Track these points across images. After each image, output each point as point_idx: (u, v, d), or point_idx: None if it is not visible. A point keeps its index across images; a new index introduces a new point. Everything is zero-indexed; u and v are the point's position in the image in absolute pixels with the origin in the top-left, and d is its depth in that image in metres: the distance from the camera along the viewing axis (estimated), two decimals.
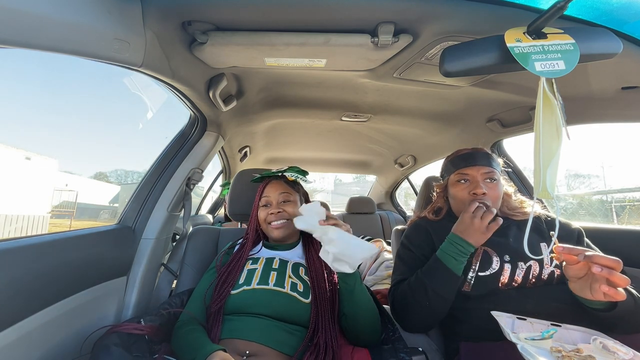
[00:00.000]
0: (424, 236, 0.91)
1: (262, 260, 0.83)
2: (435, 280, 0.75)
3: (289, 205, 0.91)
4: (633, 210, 7.18)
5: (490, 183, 0.85)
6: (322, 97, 1.24)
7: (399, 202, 3.04)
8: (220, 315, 0.73)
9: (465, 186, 0.87)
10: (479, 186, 0.83)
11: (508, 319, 0.66)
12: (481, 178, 0.85)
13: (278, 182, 0.94)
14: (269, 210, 0.89)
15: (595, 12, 0.63)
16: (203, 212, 2.57)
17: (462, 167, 0.88)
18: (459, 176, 0.88)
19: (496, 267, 0.78)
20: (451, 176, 0.91)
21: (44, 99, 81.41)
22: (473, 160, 0.87)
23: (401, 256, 0.92)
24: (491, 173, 0.85)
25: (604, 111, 1.00)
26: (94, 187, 16.30)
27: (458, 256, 0.74)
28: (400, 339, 0.71)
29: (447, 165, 0.95)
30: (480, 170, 0.85)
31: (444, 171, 0.96)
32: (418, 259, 0.87)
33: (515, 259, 0.78)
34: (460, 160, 0.89)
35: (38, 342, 0.62)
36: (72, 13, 0.49)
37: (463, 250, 0.74)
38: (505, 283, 0.76)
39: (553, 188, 0.57)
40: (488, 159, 0.88)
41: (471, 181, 0.86)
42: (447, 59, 0.63)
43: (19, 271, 0.56)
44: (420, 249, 0.89)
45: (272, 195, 0.91)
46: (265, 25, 0.68)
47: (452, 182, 0.90)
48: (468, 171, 0.87)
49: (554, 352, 0.55)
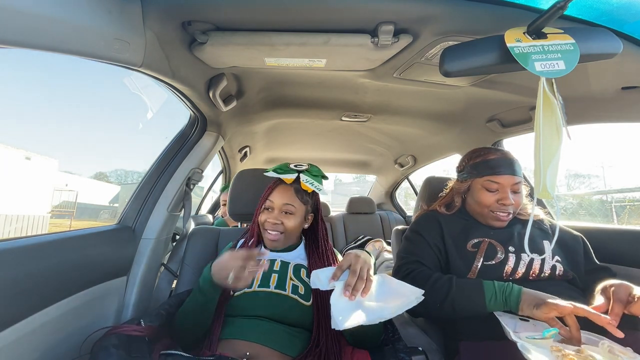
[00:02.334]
0: (435, 225, 0.91)
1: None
2: (462, 299, 0.72)
3: (289, 218, 0.84)
4: (633, 210, 7.18)
5: (516, 192, 0.86)
6: (322, 97, 1.24)
7: (399, 202, 3.04)
8: (222, 316, 0.73)
9: (493, 194, 0.86)
10: (508, 197, 0.83)
11: (510, 319, 0.66)
12: (510, 188, 0.85)
13: (287, 188, 0.85)
14: (268, 216, 0.84)
15: (595, 12, 0.63)
16: (203, 212, 2.57)
17: (492, 174, 0.86)
18: (488, 183, 0.86)
19: (501, 256, 0.79)
20: (478, 180, 0.89)
21: (44, 99, 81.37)
22: (504, 168, 0.86)
23: (411, 239, 0.92)
24: (519, 184, 0.86)
25: (604, 111, 1.00)
26: (94, 187, 16.31)
27: (499, 298, 0.68)
28: (400, 340, 0.71)
29: (472, 167, 0.91)
30: (512, 181, 0.85)
31: (468, 173, 0.93)
32: (428, 245, 0.87)
33: (519, 250, 0.80)
34: (491, 166, 0.87)
35: (38, 342, 0.62)
36: (72, 13, 0.49)
37: (506, 301, 0.68)
38: (509, 273, 0.77)
39: (553, 188, 0.57)
40: (517, 167, 0.87)
41: (500, 190, 0.85)
42: (447, 59, 0.63)
43: (19, 271, 0.56)
44: (431, 237, 0.88)
45: (276, 202, 0.84)
46: (265, 25, 0.68)
47: (478, 187, 0.89)
48: (499, 180, 0.85)
49: (554, 352, 0.55)
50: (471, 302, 0.71)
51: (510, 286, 0.69)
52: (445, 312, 0.74)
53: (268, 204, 0.86)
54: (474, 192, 0.91)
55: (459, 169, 0.99)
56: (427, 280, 0.77)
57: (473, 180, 0.91)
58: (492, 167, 0.87)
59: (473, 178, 0.91)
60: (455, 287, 0.74)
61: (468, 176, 0.92)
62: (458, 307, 0.72)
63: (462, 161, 0.99)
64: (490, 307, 0.69)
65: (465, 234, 0.87)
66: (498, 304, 0.68)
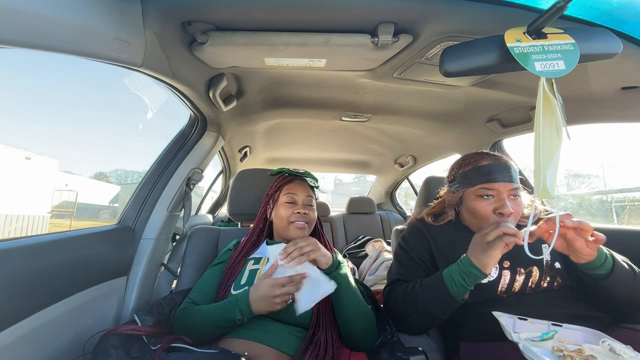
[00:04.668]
0: (421, 240, 0.89)
1: (264, 260, 0.83)
2: (430, 298, 0.72)
3: (312, 210, 0.90)
4: (633, 210, 7.17)
5: (514, 199, 0.78)
6: (322, 97, 1.24)
7: (399, 202, 3.04)
8: None
9: (489, 202, 0.78)
10: (506, 205, 0.75)
11: (509, 319, 0.66)
12: (507, 195, 0.77)
13: (303, 183, 0.92)
14: (294, 209, 0.86)
15: (595, 12, 0.63)
16: (203, 212, 2.57)
17: (485, 181, 0.79)
18: (482, 191, 0.79)
19: (494, 274, 0.76)
20: (471, 189, 0.81)
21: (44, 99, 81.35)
22: (499, 174, 0.78)
23: (398, 256, 0.91)
24: (517, 189, 0.79)
25: (604, 111, 1.00)
26: (94, 187, 16.31)
27: (459, 281, 0.68)
28: (398, 342, 0.70)
29: (463, 177, 0.84)
30: (507, 187, 0.77)
31: (459, 183, 0.85)
32: (414, 261, 0.86)
33: (515, 264, 0.77)
34: (483, 173, 0.80)
35: (38, 342, 0.62)
36: (72, 13, 0.49)
37: (466, 278, 0.67)
38: (504, 290, 0.75)
39: (553, 188, 0.57)
40: (512, 172, 0.80)
41: (496, 197, 0.78)
42: (447, 59, 0.63)
43: (19, 271, 0.56)
44: (417, 252, 0.87)
45: (300, 195, 0.89)
46: (265, 25, 0.68)
47: (472, 197, 0.81)
48: (494, 186, 0.78)
49: (556, 352, 0.55)
50: (439, 297, 0.70)
51: (461, 262, 0.69)
52: (426, 318, 0.73)
53: (290, 197, 0.89)
54: (467, 203, 0.83)
55: (448, 178, 0.91)
56: (399, 295, 0.79)
57: (465, 191, 0.83)
58: (484, 174, 0.79)
59: (465, 188, 0.83)
60: (421, 289, 0.74)
61: (460, 186, 0.85)
62: (432, 307, 0.71)
63: (451, 170, 0.91)
64: (457, 294, 0.68)
65: (454, 247, 0.81)
66: (462, 287, 0.67)
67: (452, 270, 0.70)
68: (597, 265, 0.67)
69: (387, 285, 0.87)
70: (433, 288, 0.72)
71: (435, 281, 0.73)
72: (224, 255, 0.90)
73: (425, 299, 0.72)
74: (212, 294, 0.79)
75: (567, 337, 0.62)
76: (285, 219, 0.86)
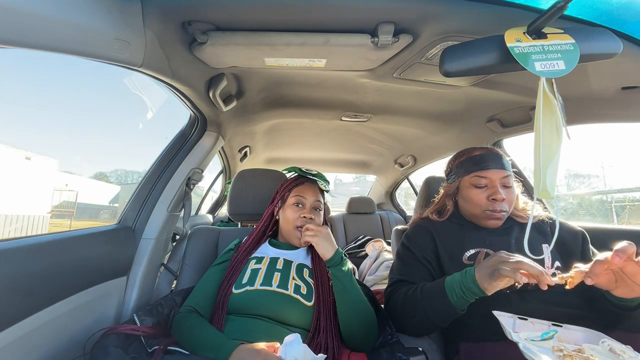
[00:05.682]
0: (427, 238, 0.88)
1: (267, 260, 0.83)
2: (430, 307, 0.70)
3: (318, 215, 0.88)
4: (633, 210, 7.16)
5: (507, 187, 0.83)
6: (322, 97, 1.24)
7: (399, 202, 3.04)
8: (223, 314, 0.73)
9: (482, 190, 0.83)
10: (498, 192, 0.80)
11: (509, 318, 0.66)
12: (499, 182, 0.82)
13: (313, 186, 0.91)
14: (301, 213, 0.85)
15: (595, 12, 0.63)
16: (203, 212, 2.57)
17: (478, 169, 0.84)
18: (476, 179, 0.84)
19: None
20: (465, 178, 0.87)
21: (44, 99, 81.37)
22: (491, 162, 0.84)
23: (400, 256, 0.90)
24: (509, 177, 0.83)
25: (604, 111, 1.00)
26: (94, 187, 16.32)
27: (459, 293, 0.65)
28: (398, 342, 0.70)
29: (458, 167, 0.90)
30: (499, 175, 0.82)
31: (455, 173, 0.91)
32: (418, 261, 0.85)
33: None
34: (476, 162, 0.85)
35: (38, 342, 0.62)
36: (72, 13, 0.49)
37: (467, 293, 0.64)
38: (507, 286, 0.76)
39: (553, 188, 0.57)
40: (504, 161, 0.85)
41: (489, 185, 0.83)
42: (447, 59, 0.63)
43: (18, 271, 0.56)
44: (422, 251, 0.86)
45: (309, 199, 0.87)
46: (265, 25, 0.68)
47: (467, 185, 0.87)
48: (486, 174, 0.83)
49: (556, 352, 0.55)
50: (438, 306, 0.68)
51: (465, 274, 0.65)
52: (425, 324, 0.72)
53: (298, 199, 0.88)
54: (463, 191, 0.88)
55: (446, 172, 0.97)
56: (399, 299, 0.77)
57: (461, 180, 0.89)
58: (477, 163, 0.85)
59: (460, 177, 0.89)
60: (421, 295, 0.72)
61: (455, 176, 0.91)
62: (431, 315, 0.69)
63: (448, 164, 0.97)
64: (458, 305, 0.65)
65: (461, 243, 0.83)
66: (462, 299, 0.64)
67: (454, 280, 0.67)
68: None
69: (389, 286, 0.86)
70: (434, 296, 0.70)
71: (436, 289, 0.70)
72: (226, 255, 0.90)
73: (425, 307, 0.70)
74: (212, 296, 0.79)
75: (567, 337, 0.62)
76: (292, 223, 0.86)
